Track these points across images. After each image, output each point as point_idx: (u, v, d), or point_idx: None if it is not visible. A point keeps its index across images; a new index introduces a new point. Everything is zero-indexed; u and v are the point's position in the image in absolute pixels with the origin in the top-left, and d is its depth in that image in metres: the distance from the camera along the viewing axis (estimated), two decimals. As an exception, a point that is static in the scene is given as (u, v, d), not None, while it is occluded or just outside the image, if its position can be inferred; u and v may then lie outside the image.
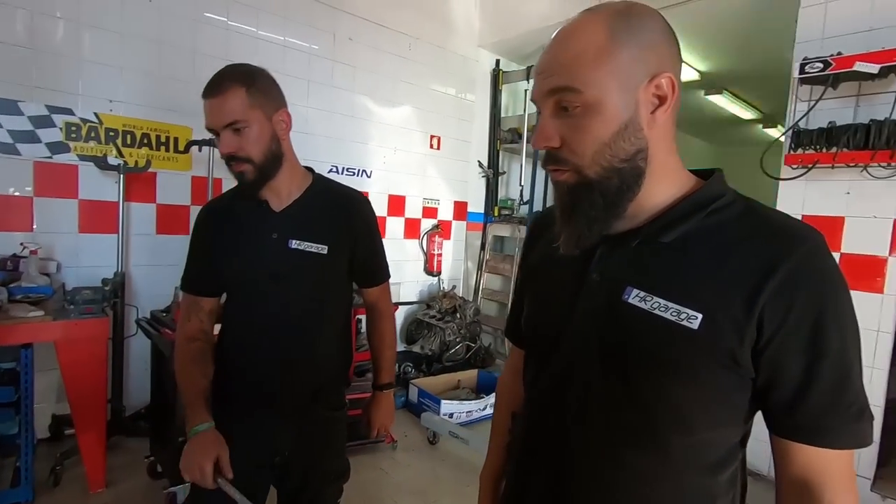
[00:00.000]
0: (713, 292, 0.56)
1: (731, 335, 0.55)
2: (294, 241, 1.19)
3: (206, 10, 2.83)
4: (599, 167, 0.60)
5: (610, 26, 0.58)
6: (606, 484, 0.63)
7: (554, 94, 0.60)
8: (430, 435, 2.97)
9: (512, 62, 4.46)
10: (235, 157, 1.12)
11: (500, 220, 4.40)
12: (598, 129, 0.58)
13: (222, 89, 1.09)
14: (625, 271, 0.63)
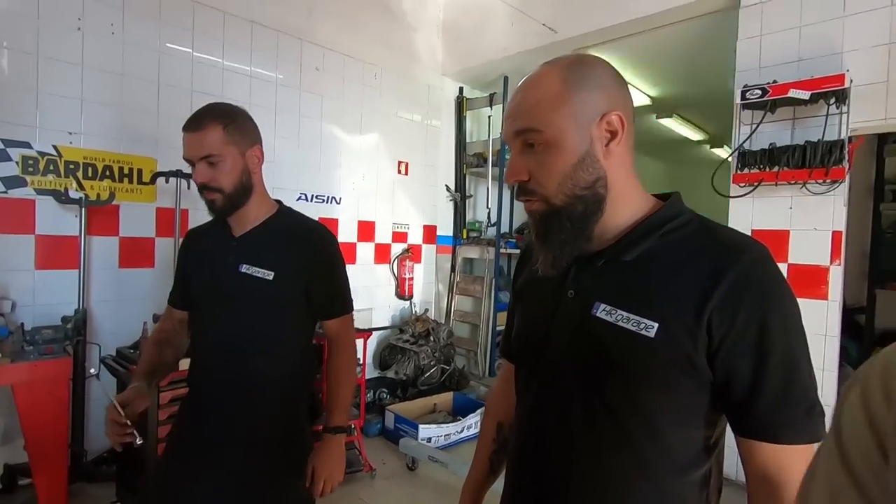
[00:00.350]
0: (668, 303, 0.63)
1: (685, 341, 0.61)
2: (244, 265, 1.26)
3: (170, 42, 2.82)
4: (564, 196, 0.68)
5: (564, 75, 0.68)
6: (586, 483, 0.68)
7: (520, 134, 0.69)
8: (408, 461, 2.94)
9: (475, 89, 4.61)
10: (208, 187, 1.21)
11: (469, 242, 4.48)
12: (560, 163, 0.67)
13: (202, 125, 1.19)
14: (593, 288, 0.70)
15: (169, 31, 2.82)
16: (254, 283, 1.24)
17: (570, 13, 3.40)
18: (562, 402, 0.70)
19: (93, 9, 2.55)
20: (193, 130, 1.18)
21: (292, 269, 1.27)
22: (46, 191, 2.46)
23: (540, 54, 3.78)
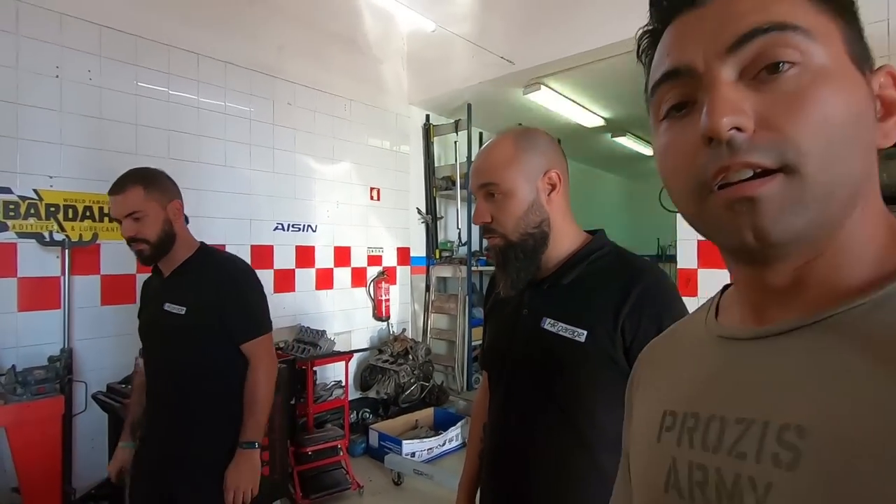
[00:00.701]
0: (593, 315, 0.84)
1: (607, 343, 0.82)
2: (167, 304, 1.46)
3: (146, 85, 2.93)
4: (519, 233, 0.90)
5: (515, 143, 0.91)
6: (539, 457, 0.87)
7: (484, 187, 0.92)
8: (394, 476, 3.05)
9: (441, 116, 4.84)
10: (135, 239, 1.44)
11: (442, 261, 4.66)
12: (514, 208, 0.89)
13: (124, 189, 1.42)
14: (541, 306, 0.91)
15: (145, 75, 2.93)
16: (173, 319, 1.44)
17: (526, 46, 3.68)
18: (522, 395, 0.90)
19: (71, 57, 2.65)
20: (117, 193, 1.41)
21: (203, 302, 1.44)
22: (28, 234, 2.51)
23: (500, 83, 4.05)
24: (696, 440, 0.37)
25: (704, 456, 0.36)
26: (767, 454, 0.32)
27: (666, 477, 0.39)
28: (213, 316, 1.44)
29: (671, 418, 0.41)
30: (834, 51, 0.33)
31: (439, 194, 4.77)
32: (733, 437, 0.35)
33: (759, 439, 0.33)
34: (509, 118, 4.93)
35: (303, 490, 2.77)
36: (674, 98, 0.38)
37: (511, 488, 0.90)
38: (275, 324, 3.54)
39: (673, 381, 0.45)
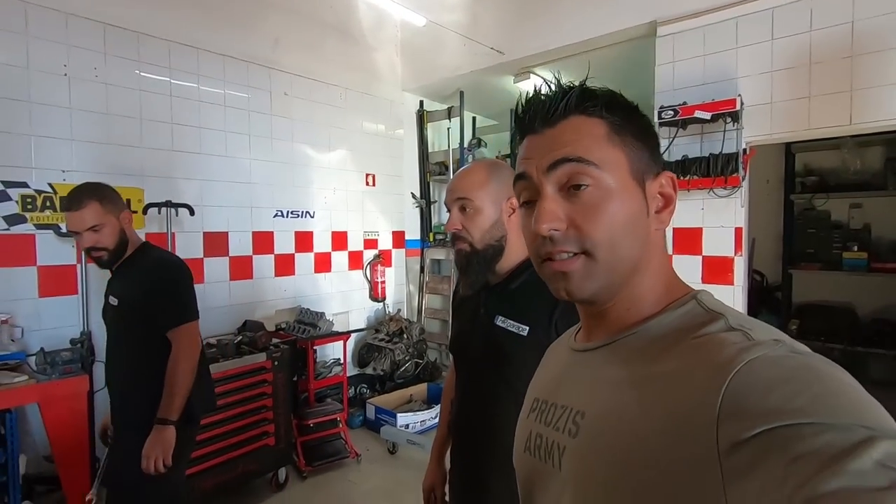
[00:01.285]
0: (534, 314, 1.04)
1: (543, 336, 1.02)
2: (110, 296, 1.73)
3: (148, 80, 3.06)
4: (483, 243, 1.10)
5: (488, 171, 1.11)
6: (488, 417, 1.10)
7: (459, 201, 1.11)
8: (389, 446, 3.32)
9: (434, 102, 4.95)
10: (95, 248, 1.63)
11: (436, 244, 4.84)
12: (482, 222, 1.09)
13: (82, 205, 1.58)
14: (495, 306, 1.12)
15: (147, 70, 3.06)
16: (111, 310, 1.71)
17: (514, 38, 3.79)
18: (478, 375, 1.13)
19: (77, 55, 2.77)
20: (77, 210, 1.57)
21: (132, 294, 1.67)
22: (45, 225, 2.69)
23: (491, 72, 4.17)
24: (541, 418, 0.59)
25: (543, 428, 0.58)
26: (566, 428, 0.53)
27: (526, 442, 0.60)
28: (139, 307, 1.65)
29: (536, 402, 0.62)
30: (619, 175, 0.52)
31: (433, 179, 4.93)
32: (556, 417, 0.56)
33: (565, 419, 0.54)
34: (501, 104, 5.06)
35: (305, 458, 3.03)
36: (525, 196, 0.58)
37: (471, 446, 1.14)
38: (276, 305, 3.80)
39: (543, 375, 0.67)
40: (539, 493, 0.58)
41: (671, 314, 0.51)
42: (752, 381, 0.40)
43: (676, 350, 0.47)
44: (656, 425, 0.43)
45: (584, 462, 0.50)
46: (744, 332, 0.45)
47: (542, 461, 0.56)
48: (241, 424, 2.66)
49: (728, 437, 0.38)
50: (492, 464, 1.09)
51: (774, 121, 2.80)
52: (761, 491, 0.36)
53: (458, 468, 1.19)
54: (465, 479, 1.15)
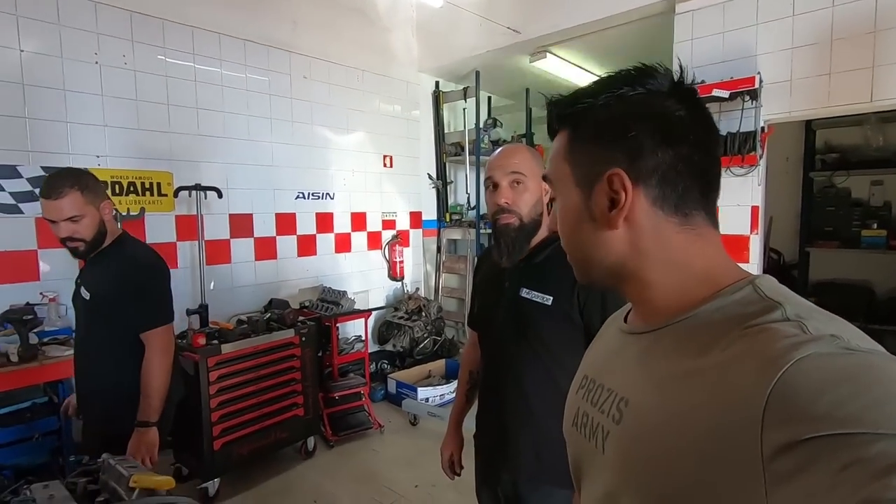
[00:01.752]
0: (556, 286, 1.13)
1: (566, 305, 1.11)
2: (82, 287, 1.66)
3: (174, 66, 3.15)
4: (529, 218, 1.19)
5: (533, 151, 1.21)
6: (518, 385, 1.19)
7: (513, 174, 1.18)
8: (410, 418, 3.47)
9: (450, 82, 4.97)
10: (72, 238, 1.53)
11: (452, 224, 4.92)
12: (530, 199, 1.19)
13: (62, 193, 1.48)
14: (520, 279, 1.21)
15: (172, 55, 3.14)
16: (84, 301, 1.65)
17: (531, 17, 3.78)
18: (505, 345, 1.21)
19: (106, 43, 2.86)
20: (56, 198, 1.46)
21: (104, 291, 1.60)
22: (83, 209, 2.83)
23: (507, 52, 4.17)
24: (589, 397, 0.61)
25: (589, 408, 0.59)
26: (610, 413, 0.55)
27: (574, 417, 0.63)
28: (111, 305, 1.59)
29: (585, 380, 0.64)
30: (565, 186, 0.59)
31: (449, 160, 4.98)
32: (601, 399, 0.57)
33: (610, 403, 0.55)
34: (517, 83, 5.06)
35: (332, 428, 3.19)
36: None
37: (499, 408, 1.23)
38: (299, 285, 3.93)
39: (594, 353, 0.70)
40: (585, 468, 0.61)
41: (723, 300, 0.49)
42: (800, 383, 0.38)
43: (725, 341, 0.45)
44: (699, 423, 0.43)
45: (626, 451, 0.51)
46: (800, 324, 0.42)
47: (587, 440, 0.58)
48: (273, 396, 2.82)
49: (772, 442, 0.37)
50: (517, 422, 1.19)
51: (794, 98, 2.80)
52: (807, 497, 0.35)
53: (485, 426, 1.29)
54: (493, 438, 1.25)
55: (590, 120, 0.56)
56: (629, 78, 0.54)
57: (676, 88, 0.54)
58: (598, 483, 0.56)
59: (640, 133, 0.52)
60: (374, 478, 2.82)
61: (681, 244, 0.53)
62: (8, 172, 2.59)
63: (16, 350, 2.14)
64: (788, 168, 4.59)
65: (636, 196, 0.53)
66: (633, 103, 0.54)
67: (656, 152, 0.52)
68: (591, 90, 0.56)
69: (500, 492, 1.23)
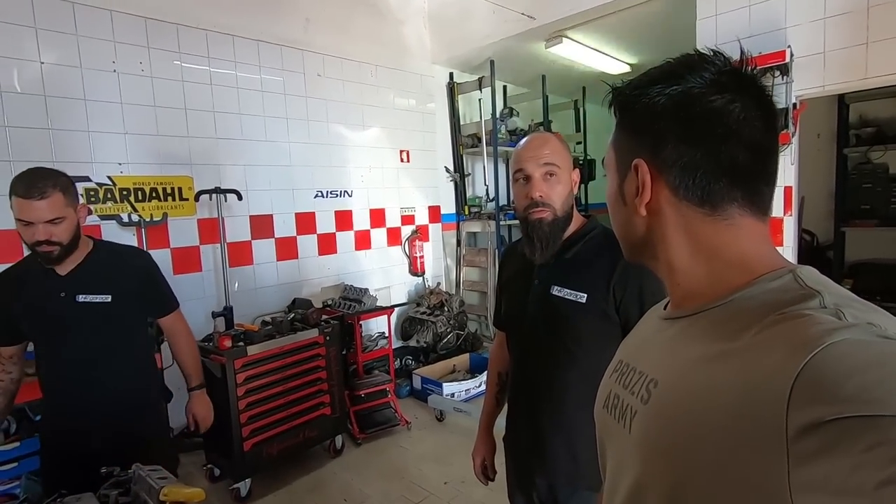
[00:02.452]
0: (590, 282, 1.09)
1: (601, 302, 1.07)
2: (80, 295, 1.52)
3: (190, 71, 3.16)
4: (563, 211, 1.14)
5: (562, 141, 1.15)
6: (551, 388, 1.15)
7: (547, 165, 1.13)
8: (437, 414, 3.45)
9: (464, 73, 4.89)
10: (49, 242, 1.42)
11: (471, 217, 4.87)
12: (563, 191, 1.14)
13: (46, 194, 1.38)
14: (549, 277, 1.16)
15: (188, 60, 3.15)
16: (93, 307, 1.52)
17: (546, 1, 3.68)
18: (537, 345, 1.17)
19: (123, 51, 2.89)
20: (39, 198, 1.36)
21: (126, 289, 1.58)
22: (108, 216, 2.87)
23: (522, 39, 4.08)
24: (621, 380, 0.62)
25: (621, 390, 0.61)
26: (639, 394, 0.56)
27: (605, 399, 0.65)
28: (134, 301, 1.62)
29: (619, 364, 0.66)
30: (611, 171, 0.63)
31: (466, 152, 4.92)
32: (633, 381, 0.59)
33: (640, 385, 0.57)
34: (532, 71, 4.96)
35: (359, 426, 3.20)
36: None
37: (532, 408, 1.19)
38: (321, 283, 3.95)
39: (632, 339, 0.70)
40: (610, 448, 0.63)
41: (759, 287, 0.50)
42: (829, 366, 0.38)
43: (758, 326, 0.45)
44: (724, 403, 0.43)
45: (650, 429, 0.52)
46: (837, 312, 0.43)
47: (615, 420, 0.60)
48: (300, 395, 2.83)
49: (797, 422, 0.38)
50: (550, 422, 1.14)
51: (828, 71, 2.66)
52: (828, 477, 0.36)
53: (517, 430, 1.25)
54: (525, 440, 1.21)
55: (631, 110, 0.58)
56: (672, 72, 0.56)
57: (723, 77, 0.54)
58: (622, 462, 0.57)
59: (664, 126, 0.55)
60: (403, 475, 2.81)
61: (708, 233, 0.55)
62: (35, 183, 2.64)
63: (50, 357, 2.18)
64: (820, 145, 4.40)
65: (659, 186, 0.56)
66: (666, 96, 0.55)
67: (678, 146, 0.54)
68: (639, 82, 0.58)
69: (535, 497, 1.19)
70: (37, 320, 1.54)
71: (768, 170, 0.55)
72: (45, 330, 1.55)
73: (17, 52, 2.57)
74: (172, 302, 1.81)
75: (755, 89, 0.54)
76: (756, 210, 0.55)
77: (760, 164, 0.54)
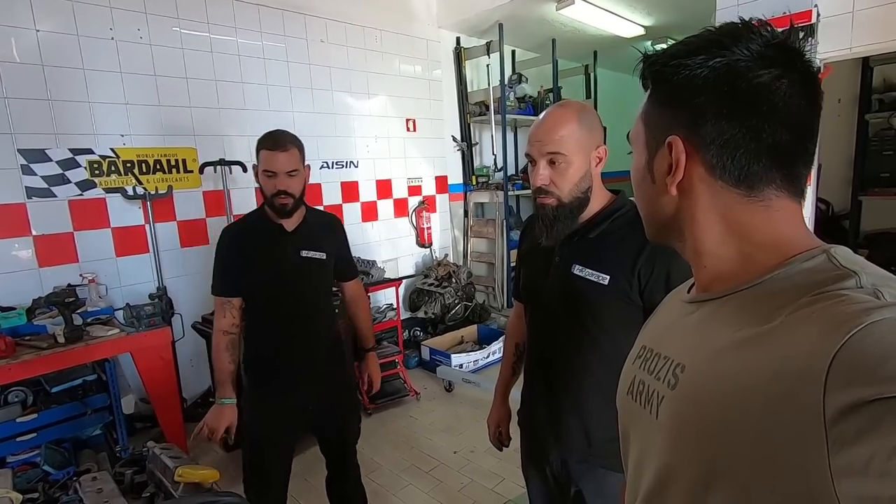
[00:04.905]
0: (614, 263, 1.04)
1: (625, 285, 1.03)
2: (303, 250, 1.68)
3: (189, 38, 3.06)
4: (571, 196, 1.07)
5: (578, 119, 1.05)
6: (567, 366, 1.13)
7: (548, 154, 1.06)
8: (445, 384, 3.49)
9: (472, 38, 4.73)
10: (286, 193, 1.60)
11: (479, 187, 4.80)
12: (573, 176, 1.06)
13: (286, 148, 1.58)
14: (571, 255, 1.11)
15: (187, 26, 3.05)
16: (312, 262, 1.69)
17: (558, -41, 3.50)
18: (554, 324, 1.14)
19: (120, 17, 2.79)
20: (283, 150, 1.57)
21: (330, 250, 1.74)
22: (113, 189, 2.84)
23: (531, 1, 3.91)
24: (646, 366, 0.60)
25: (646, 376, 0.59)
26: (666, 379, 0.54)
27: (629, 385, 0.62)
28: (338, 261, 1.80)
29: (642, 350, 0.63)
30: (639, 147, 0.59)
31: (473, 120, 4.80)
32: (658, 367, 0.57)
33: (666, 370, 0.55)
34: (542, 35, 4.78)
35: (369, 397, 3.24)
36: None
37: (546, 385, 1.18)
38: (330, 256, 3.89)
39: (654, 324, 0.68)
40: (634, 435, 0.61)
41: (792, 268, 0.48)
42: (869, 345, 0.37)
43: (791, 307, 0.44)
44: (758, 385, 0.42)
45: (679, 414, 0.51)
46: (875, 292, 0.41)
47: (641, 406, 0.58)
48: (310, 367, 2.85)
49: (836, 403, 0.36)
50: (566, 402, 1.13)
51: (855, 32, 2.52)
52: (871, 459, 0.35)
53: (532, 405, 1.25)
54: (540, 416, 1.20)
55: (667, 82, 0.54)
56: (715, 42, 0.51)
57: (771, 50, 0.50)
58: (647, 450, 0.56)
59: (704, 101, 0.51)
60: (413, 444, 2.86)
61: (742, 215, 0.52)
62: (38, 157, 2.60)
63: (62, 331, 2.19)
64: (840, 110, 4.25)
65: (693, 164, 0.53)
66: (709, 69, 0.51)
67: (719, 122, 0.51)
68: (676, 51, 0.54)
69: (548, 471, 1.19)
70: (270, 270, 1.67)
71: (809, 151, 0.52)
72: (276, 279, 1.67)
73: (11, 20, 2.49)
74: (356, 269, 1.95)
75: (803, 65, 0.51)
76: (793, 192, 0.53)
77: (802, 145, 0.51)
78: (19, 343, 2.17)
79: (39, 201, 2.63)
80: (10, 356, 2.07)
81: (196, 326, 2.77)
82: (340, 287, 1.93)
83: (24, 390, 2.27)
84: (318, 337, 1.74)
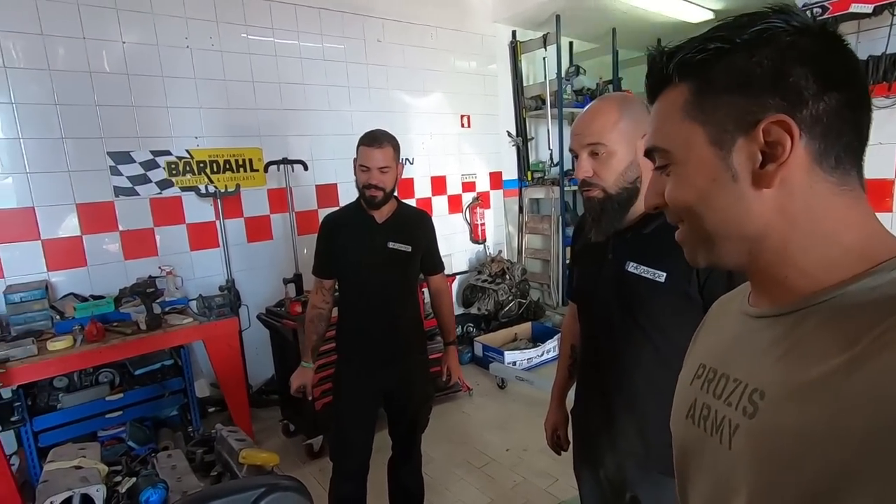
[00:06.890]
0: (672, 260, 0.97)
1: (683, 283, 0.97)
2: (391, 242, 1.79)
3: (255, 44, 3.22)
4: (617, 187, 1.04)
5: (619, 108, 1.02)
6: (624, 368, 1.08)
7: (589, 146, 1.04)
8: (498, 381, 3.47)
9: (528, 31, 4.65)
10: (377, 186, 1.71)
11: (534, 183, 4.72)
12: (616, 165, 1.03)
13: (383, 145, 1.71)
14: (625, 252, 1.07)
15: (253, 32, 3.21)
16: (398, 254, 1.79)
17: (619, -55, 3.36)
18: (609, 324, 1.10)
19: (194, 27, 2.99)
20: (379, 147, 1.69)
21: (418, 244, 1.84)
22: (188, 187, 3.05)
23: (591, -11, 3.79)
24: (709, 388, 0.54)
25: (712, 400, 0.53)
26: (741, 406, 0.48)
27: (689, 409, 0.56)
28: (419, 253, 1.87)
29: (702, 369, 0.57)
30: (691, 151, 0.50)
31: (529, 115, 4.73)
32: (728, 391, 0.51)
33: (739, 395, 0.49)
34: (601, 24, 4.62)
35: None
36: None
37: (601, 387, 1.14)
38: (386, 251, 3.97)
39: (712, 340, 0.61)
40: (696, 463, 0.55)
41: (879, 278, 0.42)
42: None
43: (879, 329, 0.38)
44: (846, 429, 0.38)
45: (762, 447, 0.45)
46: None
47: (707, 433, 0.53)
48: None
49: None
50: (620, 403, 1.09)
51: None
52: None
53: (585, 406, 1.21)
54: (593, 417, 1.17)
55: (727, 66, 0.47)
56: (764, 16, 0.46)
57: (818, 28, 0.46)
58: (722, 482, 0.50)
59: (799, 76, 0.44)
60: (466, 440, 2.87)
61: (836, 210, 0.45)
62: (124, 158, 2.84)
63: (144, 319, 2.39)
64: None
65: (794, 149, 0.44)
66: (781, 43, 0.45)
67: (821, 97, 0.44)
68: (717, 34, 0.47)
69: (602, 474, 1.16)
70: (357, 257, 1.81)
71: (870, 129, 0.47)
72: (362, 267, 1.81)
73: (103, 34, 2.72)
74: (442, 264, 2.02)
75: (845, 43, 0.47)
76: (862, 180, 0.47)
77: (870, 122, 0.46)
78: (108, 329, 2.38)
79: (125, 199, 2.87)
80: (100, 340, 2.28)
81: (261, 318, 2.92)
82: (426, 280, 2.01)
83: (113, 372, 2.49)
84: (399, 324, 1.83)
